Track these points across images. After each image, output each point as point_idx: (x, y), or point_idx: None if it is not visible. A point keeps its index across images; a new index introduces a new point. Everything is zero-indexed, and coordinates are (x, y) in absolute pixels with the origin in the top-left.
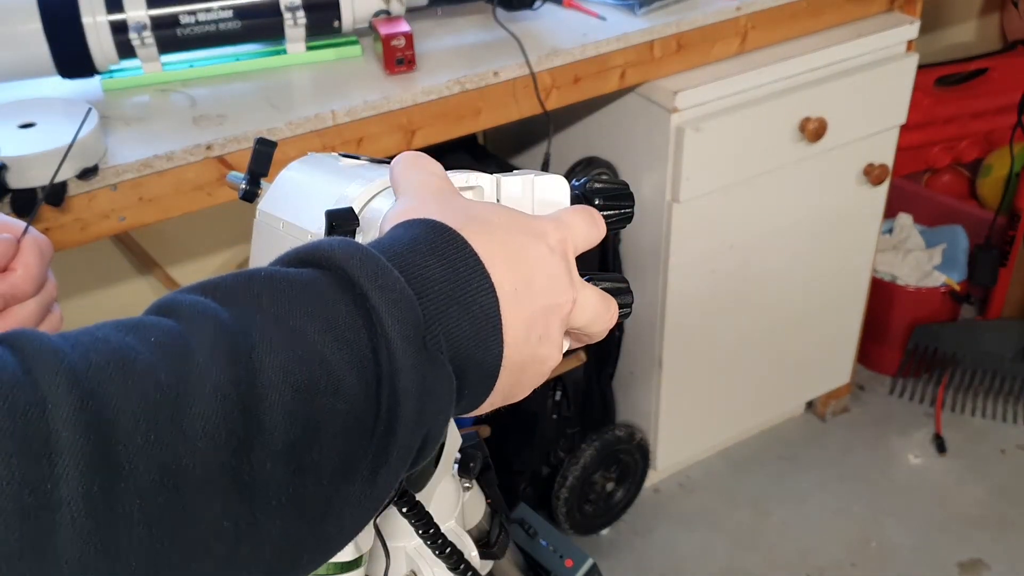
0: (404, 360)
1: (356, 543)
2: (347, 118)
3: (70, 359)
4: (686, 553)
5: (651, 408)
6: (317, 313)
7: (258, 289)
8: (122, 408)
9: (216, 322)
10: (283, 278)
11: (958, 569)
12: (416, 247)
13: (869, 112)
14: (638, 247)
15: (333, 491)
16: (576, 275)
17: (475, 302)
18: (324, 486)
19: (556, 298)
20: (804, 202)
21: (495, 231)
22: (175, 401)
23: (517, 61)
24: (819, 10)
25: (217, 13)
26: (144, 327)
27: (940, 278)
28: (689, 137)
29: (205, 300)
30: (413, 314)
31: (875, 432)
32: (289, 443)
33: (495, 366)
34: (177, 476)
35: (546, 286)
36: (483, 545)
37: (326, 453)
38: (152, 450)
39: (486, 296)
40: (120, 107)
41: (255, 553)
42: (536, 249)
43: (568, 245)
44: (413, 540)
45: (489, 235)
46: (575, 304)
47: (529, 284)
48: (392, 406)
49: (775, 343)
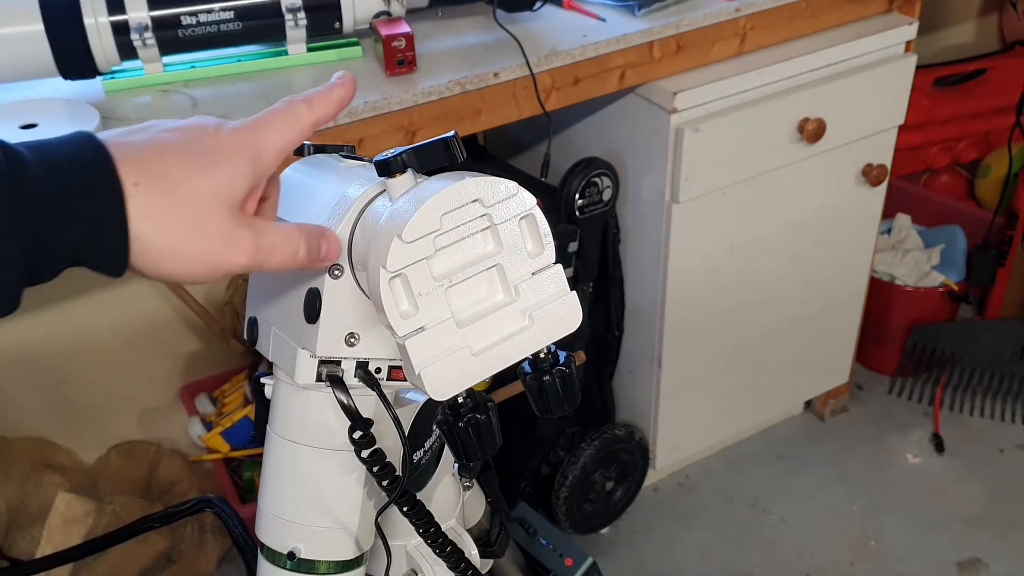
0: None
1: (357, 541)
2: (348, 119)
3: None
4: (685, 552)
5: (650, 407)
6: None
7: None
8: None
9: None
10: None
11: (956, 568)
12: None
13: (868, 113)
14: (638, 247)
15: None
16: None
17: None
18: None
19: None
20: (803, 202)
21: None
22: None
23: (517, 62)
24: (818, 11)
25: (218, 14)
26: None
27: (938, 278)
28: (688, 137)
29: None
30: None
31: (874, 431)
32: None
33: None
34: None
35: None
36: (483, 544)
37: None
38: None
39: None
40: (122, 108)
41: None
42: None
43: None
44: (414, 539)
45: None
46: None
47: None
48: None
49: (774, 343)
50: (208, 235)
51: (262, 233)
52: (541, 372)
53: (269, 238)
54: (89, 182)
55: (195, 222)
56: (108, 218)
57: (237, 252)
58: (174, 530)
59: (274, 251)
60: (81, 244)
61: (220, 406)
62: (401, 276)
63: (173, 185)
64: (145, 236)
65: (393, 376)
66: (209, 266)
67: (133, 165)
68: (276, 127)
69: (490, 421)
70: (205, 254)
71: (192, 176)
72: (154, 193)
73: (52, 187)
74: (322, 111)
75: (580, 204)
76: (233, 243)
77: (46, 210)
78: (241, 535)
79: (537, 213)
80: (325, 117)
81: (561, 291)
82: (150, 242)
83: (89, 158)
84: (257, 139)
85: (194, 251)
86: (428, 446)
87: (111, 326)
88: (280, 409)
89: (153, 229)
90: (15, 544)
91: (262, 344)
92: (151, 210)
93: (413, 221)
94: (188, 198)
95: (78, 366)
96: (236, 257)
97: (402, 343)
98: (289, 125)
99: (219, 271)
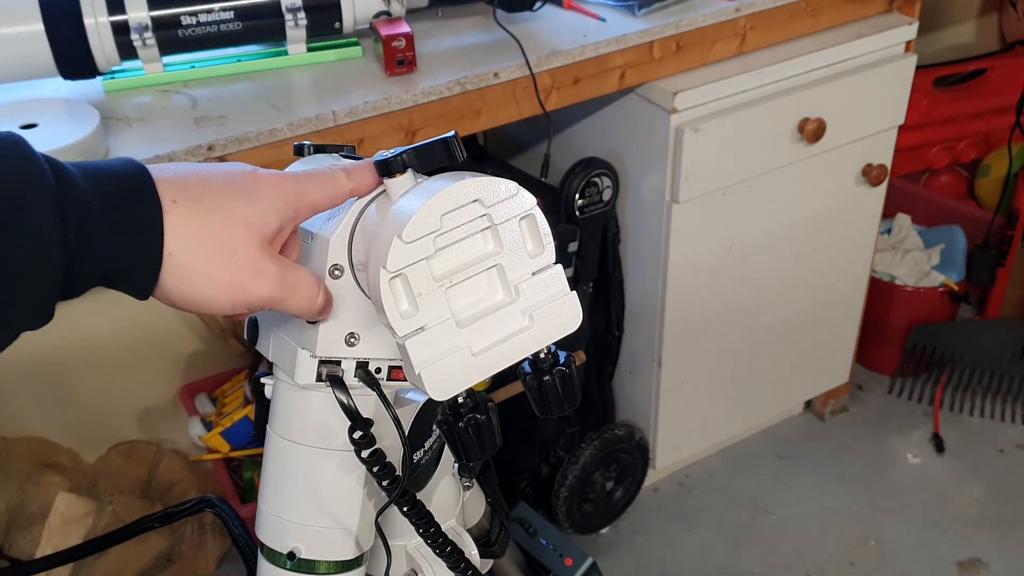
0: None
1: (357, 542)
2: (348, 119)
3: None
4: (685, 552)
5: (650, 407)
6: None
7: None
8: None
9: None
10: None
11: (956, 568)
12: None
13: (868, 113)
14: (638, 247)
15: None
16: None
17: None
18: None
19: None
20: (803, 202)
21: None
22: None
23: (517, 62)
24: (818, 11)
25: (218, 14)
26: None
27: (938, 278)
28: (688, 138)
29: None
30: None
31: (874, 431)
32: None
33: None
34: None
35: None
36: (483, 544)
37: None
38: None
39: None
40: (121, 108)
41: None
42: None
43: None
44: (414, 539)
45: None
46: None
47: (199, 199)
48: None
49: (774, 343)
50: (238, 261)
51: (288, 269)
52: (541, 372)
53: (294, 275)
54: (130, 195)
55: (227, 246)
56: (145, 230)
57: (263, 282)
58: (174, 530)
59: (296, 289)
60: (117, 257)
61: (220, 406)
62: (401, 276)
63: (209, 208)
64: (178, 252)
65: (393, 376)
66: (235, 292)
67: (173, 185)
68: (315, 183)
69: (490, 421)
70: (233, 279)
71: (229, 203)
72: (191, 212)
73: (95, 200)
74: (360, 181)
75: (580, 204)
76: (261, 273)
77: (88, 221)
78: (241, 535)
79: (537, 213)
80: (362, 188)
81: (561, 291)
82: (183, 259)
83: (131, 175)
84: (296, 187)
85: (223, 275)
86: (428, 446)
87: (111, 326)
88: (280, 409)
89: (187, 247)
90: (15, 544)
91: (262, 344)
92: (187, 228)
93: (413, 221)
94: (222, 222)
95: (78, 366)
96: (261, 287)
97: (402, 343)
98: (327, 185)
99: (244, 300)
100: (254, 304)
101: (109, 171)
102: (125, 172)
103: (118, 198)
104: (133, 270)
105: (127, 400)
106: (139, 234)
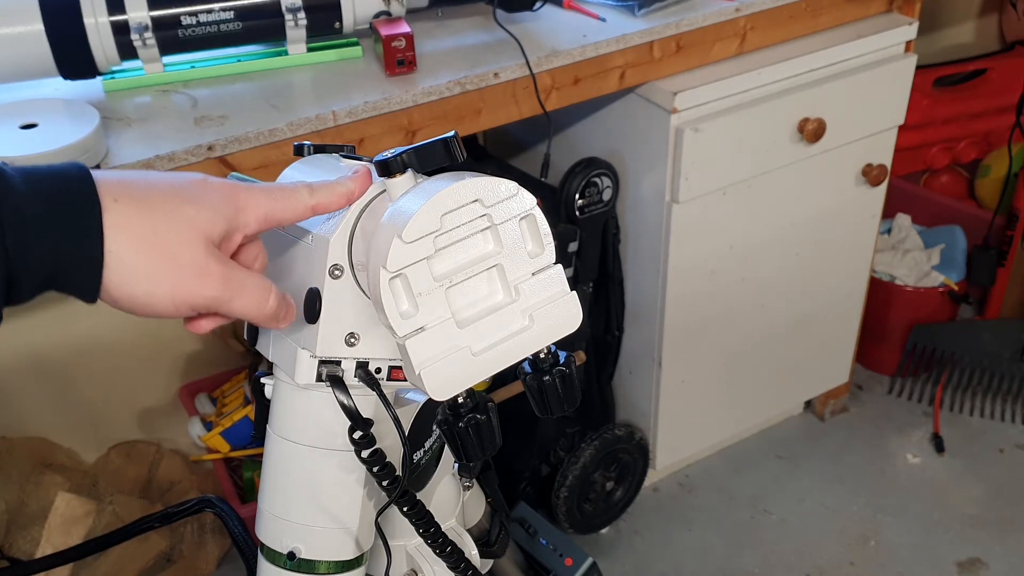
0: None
1: (357, 542)
2: (348, 119)
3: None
4: (685, 552)
5: (650, 407)
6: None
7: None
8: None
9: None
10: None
11: (956, 568)
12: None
13: (868, 113)
14: (638, 247)
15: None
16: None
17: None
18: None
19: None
20: (803, 202)
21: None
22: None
23: (517, 62)
24: (818, 11)
25: (218, 14)
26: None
27: (938, 278)
28: (688, 138)
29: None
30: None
31: (874, 431)
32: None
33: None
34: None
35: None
36: (483, 544)
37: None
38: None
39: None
40: (122, 108)
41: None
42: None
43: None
44: (414, 539)
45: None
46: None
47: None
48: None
49: (774, 343)
50: (181, 260)
51: (235, 271)
52: (541, 372)
53: (241, 278)
54: (68, 195)
55: (170, 245)
56: (84, 230)
57: (207, 283)
58: (174, 530)
59: (243, 291)
60: (58, 257)
61: (220, 406)
62: (401, 276)
63: (152, 207)
64: (119, 250)
65: (393, 376)
66: (178, 291)
67: (116, 185)
68: (272, 195)
69: (490, 421)
70: (176, 279)
71: (172, 203)
72: (133, 211)
73: (33, 199)
74: (324, 198)
75: (580, 204)
76: (204, 274)
77: (25, 221)
78: (241, 535)
79: (537, 213)
80: (327, 205)
81: (561, 291)
82: (124, 257)
83: (71, 177)
84: (249, 195)
85: (166, 274)
86: (428, 446)
87: (111, 326)
88: (280, 409)
89: (128, 245)
90: (15, 544)
91: (262, 344)
92: (128, 226)
93: (413, 221)
94: (165, 222)
95: (78, 366)
96: (205, 288)
97: (402, 343)
98: (284, 198)
99: (187, 300)
100: (198, 304)
101: (49, 173)
102: (66, 173)
103: (57, 198)
104: (77, 270)
105: (127, 400)
106: (78, 233)
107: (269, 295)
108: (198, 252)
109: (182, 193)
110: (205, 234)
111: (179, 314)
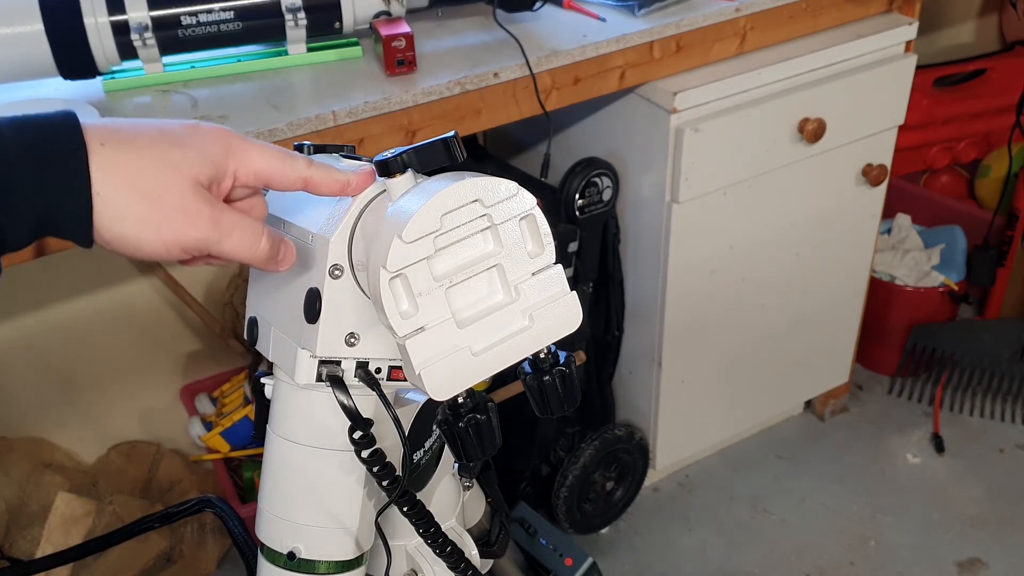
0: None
1: (357, 542)
2: (348, 119)
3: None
4: (685, 552)
5: (650, 407)
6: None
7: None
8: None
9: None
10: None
11: (956, 568)
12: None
13: (868, 113)
14: (638, 247)
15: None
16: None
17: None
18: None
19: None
20: (803, 202)
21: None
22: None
23: (517, 62)
24: (818, 11)
25: (218, 14)
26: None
27: (938, 278)
28: (688, 138)
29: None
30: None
31: (874, 431)
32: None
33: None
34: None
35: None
36: (483, 544)
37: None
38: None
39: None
40: (122, 108)
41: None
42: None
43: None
44: (414, 539)
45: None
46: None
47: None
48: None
49: (774, 343)
50: (169, 201)
51: (223, 212)
52: (541, 372)
53: (230, 218)
54: (54, 139)
55: (156, 187)
56: (70, 172)
57: (195, 223)
58: (174, 530)
59: (233, 232)
60: (46, 201)
61: (220, 406)
62: (401, 276)
63: (139, 150)
64: (107, 192)
65: (393, 376)
66: (166, 232)
67: (103, 130)
68: (266, 151)
69: (490, 421)
70: (163, 221)
71: (159, 146)
72: (120, 154)
73: (20, 146)
74: (320, 177)
75: (580, 204)
76: (193, 215)
77: (14, 167)
78: (241, 535)
79: (537, 213)
80: (319, 184)
81: (561, 291)
82: (112, 199)
83: (58, 123)
84: (241, 143)
85: (153, 215)
86: (428, 446)
87: (111, 326)
88: (280, 409)
89: (115, 187)
90: (15, 544)
91: (262, 344)
92: (114, 169)
93: (413, 221)
94: (152, 165)
95: (78, 366)
96: (193, 229)
97: (402, 343)
98: (278, 158)
99: (176, 240)
100: (188, 245)
101: (37, 120)
102: (53, 120)
103: (42, 143)
104: (66, 213)
105: (127, 400)
106: (65, 175)
107: (260, 236)
108: (185, 193)
109: (169, 137)
110: (191, 176)
111: (171, 255)
